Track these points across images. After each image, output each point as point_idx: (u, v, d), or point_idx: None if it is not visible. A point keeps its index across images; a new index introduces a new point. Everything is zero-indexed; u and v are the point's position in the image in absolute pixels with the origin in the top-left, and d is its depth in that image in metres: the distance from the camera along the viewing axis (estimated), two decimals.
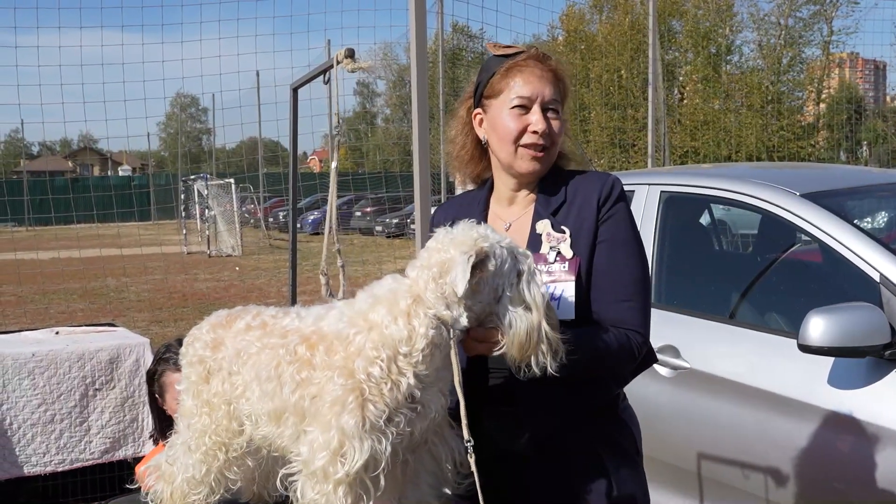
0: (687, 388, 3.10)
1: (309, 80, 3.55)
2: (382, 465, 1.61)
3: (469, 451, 1.66)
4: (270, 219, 27.33)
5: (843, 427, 2.61)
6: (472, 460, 1.66)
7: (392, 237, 22.57)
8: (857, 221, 3.01)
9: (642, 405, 2.08)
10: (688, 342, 3.14)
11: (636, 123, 22.77)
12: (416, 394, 1.65)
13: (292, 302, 3.75)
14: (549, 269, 1.87)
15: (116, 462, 4.21)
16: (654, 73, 12.01)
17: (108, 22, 8.74)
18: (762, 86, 29.42)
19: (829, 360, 2.66)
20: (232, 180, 23.34)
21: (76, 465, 4.13)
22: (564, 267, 1.87)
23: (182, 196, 26.54)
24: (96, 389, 4.15)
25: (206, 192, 24.06)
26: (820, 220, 2.93)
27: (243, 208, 24.54)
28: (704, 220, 4.08)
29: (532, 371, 1.66)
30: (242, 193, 23.98)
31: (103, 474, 4.22)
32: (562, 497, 1.89)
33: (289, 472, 1.70)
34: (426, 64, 3.24)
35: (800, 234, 3.26)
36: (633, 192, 3.61)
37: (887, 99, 41.59)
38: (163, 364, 3.10)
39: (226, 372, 1.88)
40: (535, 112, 1.93)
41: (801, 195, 3.07)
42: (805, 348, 2.56)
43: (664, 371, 3.14)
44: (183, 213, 25.54)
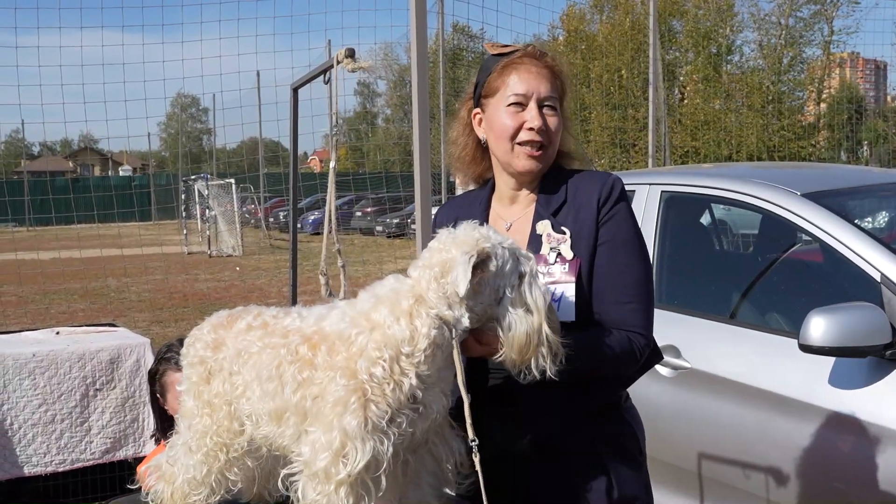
0: (688, 388, 3.10)
1: (309, 80, 3.55)
2: (384, 465, 1.61)
3: (474, 451, 1.66)
4: (271, 219, 27.33)
5: (844, 427, 2.61)
6: (477, 459, 1.66)
7: (393, 237, 22.57)
8: (857, 221, 3.01)
9: (643, 405, 2.08)
10: (689, 342, 3.14)
11: (637, 123, 22.75)
12: (418, 394, 1.65)
13: (293, 302, 3.75)
14: (550, 270, 1.86)
15: (117, 462, 4.21)
16: (654, 72, 12.00)
17: (109, 22, 8.75)
18: (763, 86, 29.38)
19: (830, 360, 2.66)
20: (232, 180, 23.35)
21: (77, 466, 4.13)
22: (565, 268, 1.86)
23: (183, 196, 26.53)
24: (97, 389, 4.15)
25: (206, 193, 24.06)
26: (821, 220, 2.93)
27: (244, 208, 24.54)
28: (705, 219, 4.08)
29: (532, 374, 1.66)
30: (243, 193, 23.99)
31: (104, 474, 4.23)
32: (562, 497, 1.89)
33: (290, 472, 1.69)
34: (426, 64, 3.24)
35: (800, 234, 3.26)
36: (633, 192, 3.61)
37: (888, 99, 41.56)
38: (164, 364, 3.10)
39: (227, 372, 1.87)
40: (531, 109, 1.92)
41: (802, 195, 3.07)
42: (806, 348, 2.56)
43: (665, 371, 3.14)
44: (184, 214, 25.52)
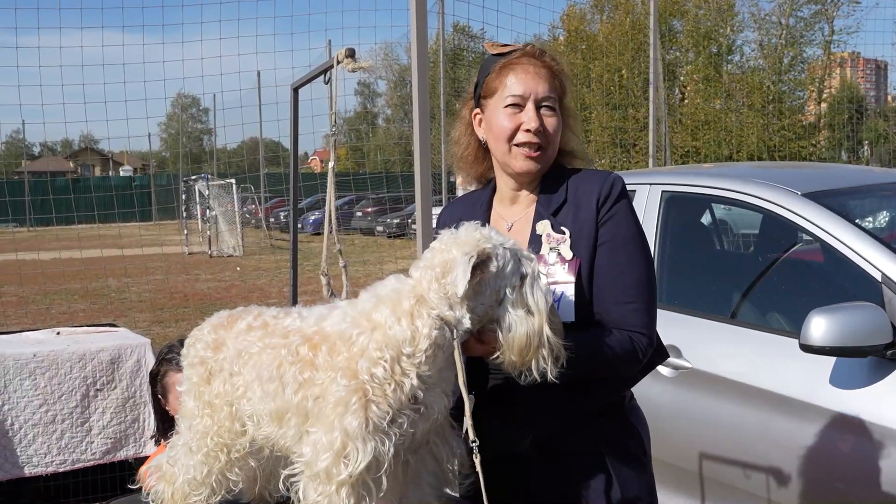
0: (689, 387, 3.10)
1: (309, 80, 3.55)
2: (385, 466, 1.61)
3: (475, 451, 1.65)
4: (271, 219, 27.33)
5: (844, 427, 2.61)
6: (478, 460, 1.65)
7: (393, 237, 22.55)
8: (858, 221, 3.01)
9: (644, 405, 2.07)
10: (689, 342, 3.14)
11: (637, 123, 22.76)
12: (420, 395, 1.65)
13: (293, 302, 3.75)
14: (549, 271, 1.85)
15: (118, 462, 4.22)
16: (655, 72, 12.00)
17: (109, 22, 8.75)
18: (763, 85, 29.37)
19: (831, 359, 2.66)
20: (233, 180, 23.36)
21: (77, 466, 4.13)
22: (564, 268, 1.85)
23: (183, 196, 26.54)
24: (97, 390, 4.15)
25: (207, 193, 24.07)
26: (821, 220, 2.93)
27: (244, 208, 24.55)
28: (706, 219, 4.08)
29: (532, 376, 1.65)
30: (243, 194, 23.99)
31: (104, 475, 4.23)
32: (563, 498, 1.88)
33: (291, 472, 1.69)
34: (427, 64, 3.24)
35: (801, 234, 3.26)
36: (634, 192, 3.61)
37: (888, 98, 41.53)
38: (166, 365, 3.10)
39: (227, 373, 1.87)
40: (529, 110, 1.90)
41: (803, 195, 3.07)
42: (807, 348, 2.56)
43: (666, 371, 3.14)
44: (184, 214, 25.53)
